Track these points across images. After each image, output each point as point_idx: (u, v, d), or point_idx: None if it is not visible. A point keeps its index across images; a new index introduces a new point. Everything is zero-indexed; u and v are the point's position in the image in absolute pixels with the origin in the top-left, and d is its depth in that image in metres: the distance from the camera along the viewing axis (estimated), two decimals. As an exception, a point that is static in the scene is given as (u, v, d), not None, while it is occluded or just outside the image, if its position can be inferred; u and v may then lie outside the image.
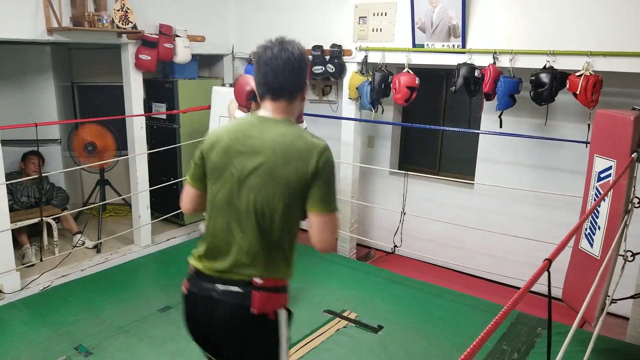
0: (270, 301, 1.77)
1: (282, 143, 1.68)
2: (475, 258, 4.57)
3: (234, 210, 1.73)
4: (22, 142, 4.88)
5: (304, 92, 1.81)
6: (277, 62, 1.70)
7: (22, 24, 3.70)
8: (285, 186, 1.68)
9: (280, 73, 1.71)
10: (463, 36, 3.91)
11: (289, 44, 1.74)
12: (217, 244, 1.81)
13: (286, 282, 1.84)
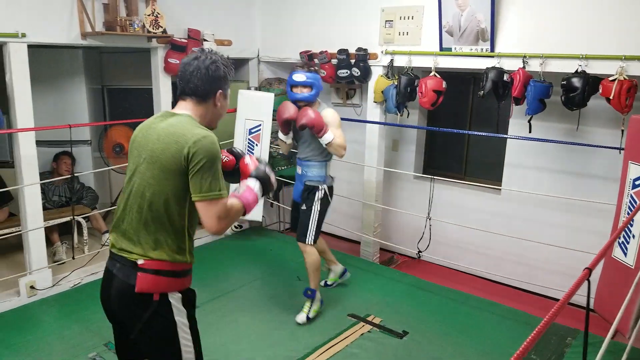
0: (154, 283, 1.89)
1: (166, 131, 1.89)
2: (501, 265, 4.51)
3: (127, 193, 1.95)
4: (55, 143, 5.01)
5: (215, 98, 2.00)
6: (188, 69, 1.98)
7: (58, 29, 3.80)
8: (163, 170, 1.86)
9: (188, 78, 1.97)
10: (492, 40, 3.88)
11: (204, 55, 2.00)
12: (119, 224, 1.98)
13: (177, 266, 1.94)
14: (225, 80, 2.04)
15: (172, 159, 1.84)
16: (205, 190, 1.84)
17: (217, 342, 3.42)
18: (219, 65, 2.00)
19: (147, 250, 1.90)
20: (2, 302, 3.76)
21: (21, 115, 3.69)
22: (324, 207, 3.63)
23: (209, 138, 1.87)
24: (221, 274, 4.46)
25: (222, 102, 2.05)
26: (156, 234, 1.90)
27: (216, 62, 2.00)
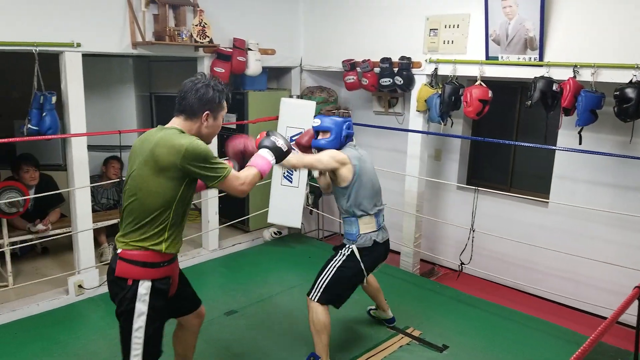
0: (127, 270, 2.20)
1: (160, 141, 2.16)
2: (547, 280, 4.37)
3: (124, 193, 2.25)
4: (105, 148, 5.19)
5: (202, 117, 2.25)
6: (183, 89, 2.27)
7: (110, 39, 3.96)
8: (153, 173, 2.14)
9: (182, 97, 2.26)
10: (541, 49, 3.78)
11: (202, 79, 2.28)
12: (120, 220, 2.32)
13: (152, 257, 2.21)
14: (214, 103, 2.28)
15: (165, 163, 2.13)
16: (213, 178, 2.19)
17: (254, 346, 3.46)
18: (209, 90, 2.26)
19: (128, 240, 2.21)
20: (52, 299, 3.92)
21: (74, 121, 3.85)
22: (348, 270, 3.07)
23: (194, 143, 2.16)
24: (259, 280, 4.50)
25: (210, 122, 2.30)
26: (139, 227, 2.19)
27: (208, 87, 2.26)
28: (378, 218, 3.16)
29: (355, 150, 3.14)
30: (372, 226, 3.12)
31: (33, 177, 4.40)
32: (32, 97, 3.58)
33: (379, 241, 3.14)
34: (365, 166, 3.10)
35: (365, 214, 3.10)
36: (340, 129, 3.11)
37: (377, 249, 3.15)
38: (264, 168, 2.35)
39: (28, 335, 3.52)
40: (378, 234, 3.14)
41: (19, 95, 5.06)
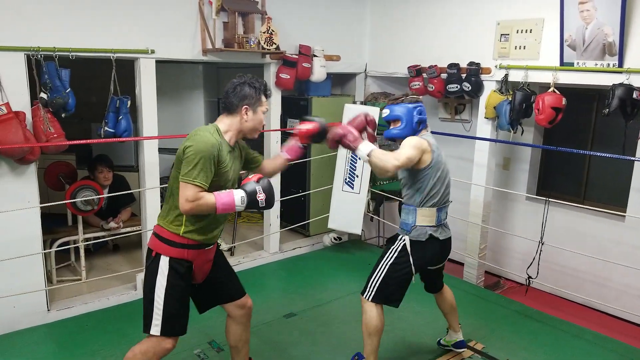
0: (154, 243, 2.49)
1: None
2: (621, 298, 4.11)
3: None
4: (174, 151, 5.37)
5: (241, 112, 2.47)
6: (225, 89, 2.52)
7: (182, 45, 4.11)
8: (177, 162, 2.40)
9: (225, 95, 2.51)
10: (620, 54, 3.58)
11: (240, 78, 2.52)
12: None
13: (171, 236, 2.44)
14: (251, 98, 2.48)
15: (179, 152, 2.37)
16: (183, 174, 2.31)
17: (312, 350, 3.47)
18: (245, 86, 2.48)
19: (160, 220, 2.50)
20: (121, 294, 4.11)
21: (147, 125, 4.02)
22: (400, 266, 2.90)
23: (204, 139, 2.34)
24: (318, 284, 4.51)
25: (250, 115, 2.50)
26: (167, 212, 2.47)
27: (244, 84, 2.49)
28: (440, 213, 2.92)
29: (432, 139, 2.90)
30: (431, 220, 2.89)
31: (107, 177, 4.64)
32: (109, 101, 3.78)
33: (436, 237, 2.91)
34: (440, 155, 2.89)
35: (427, 205, 2.87)
36: (411, 115, 2.88)
37: (432, 245, 2.92)
38: (223, 206, 2.34)
39: (98, 327, 3.70)
40: (437, 230, 2.91)
41: (96, 100, 5.36)
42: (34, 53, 3.37)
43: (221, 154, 2.39)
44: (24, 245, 3.56)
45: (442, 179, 2.89)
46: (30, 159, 3.40)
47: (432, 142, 2.88)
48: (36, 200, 3.59)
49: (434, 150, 2.85)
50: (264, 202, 2.42)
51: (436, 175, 2.86)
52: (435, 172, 2.85)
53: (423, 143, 2.80)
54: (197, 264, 2.54)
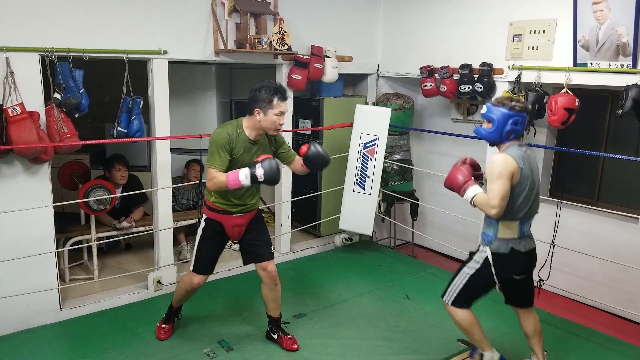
0: (203, 208, 3.34)
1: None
2: (635, 301, 4.05)
3: None
4: (187, 151, 5.44)
5: (256, 112, 3.04)
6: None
7: (195, 46, 4.14)
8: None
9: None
10: (634, 55, 3.53)
11: (260, 84, 3.07)
12: None
13: (209, 204, 3.26)
14: (263, 102, 3.00)
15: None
16: (205, 160, 3.09)
17: (321, 351, 3.47)
18: (261, 90, 3.01)
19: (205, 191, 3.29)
20: (132, 293, 4.15)
21: (159, 125, 4.06)
22: (480, 279, 2.93)
23: (217, 132, 3.10)
24: (329, 285, 4.51)
25: (261, 116, 3.04)
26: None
27: (262, 89, 3.01)
28: (523, 226, 2.84)
29: (521, 152, 2.78)
30: (513, 232, 2.82)
31: (123, 176, 4.69)
32: (122, 101, 3.82)
33: (519, 250, 2.84)
34: (528, 169, 2.77)
35: (509, 219, 2.80)
36: (504, 122, 2.77)
37: (516, 258, 2.85)
38: (231, 182, 2.95)
39: (109, 326, 3.74)
40: (520, 242, 2.84)
41: (109, 100, 5.42)
42: (48, 54, 3.41)
43: (233, 144, 3.05)
44: (37, 244, 3.61)
45: (526, 191, 2.77)
46: (44, 158, 3.45)
47: (517, 155, 2.75)
48: (49, 199, 3.64)
49: (521, 167, 2.73)
50: (262, 177, 2.90)
51: (523, 192, 2.76)
52: (523, 188, 2.76)
53: (507, 165, 2.70)
54: (226, 225, 3.28)
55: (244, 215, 3.29)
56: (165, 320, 3.60)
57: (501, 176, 2.69)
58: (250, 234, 3.35)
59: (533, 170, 2.82)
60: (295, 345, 3.47)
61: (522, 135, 2.86)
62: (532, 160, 2.85)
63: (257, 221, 3.38)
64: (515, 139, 2.83)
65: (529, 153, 2.85)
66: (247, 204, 3.26)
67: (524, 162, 2.75)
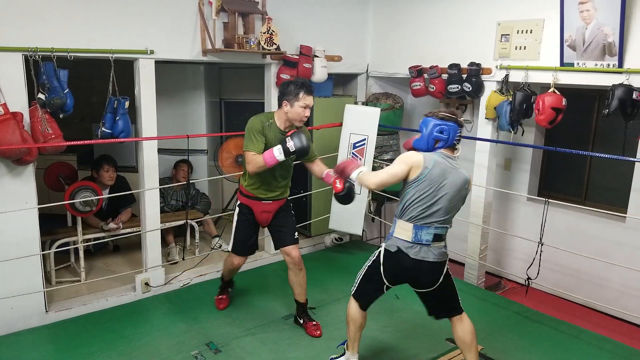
0: (237, 194, 3.70)
1: None
2: (622, 299, 4.08)
3: None
4: (175, 151, 5.40)
5: (284, 104, 3.35)
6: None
7: (182, 46, 4.11)
8: None
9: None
10: (620, 55, 3.55)
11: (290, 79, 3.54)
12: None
13: (242, 190, 3.61)
14: (290, 95, 3.29)
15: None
16: (244, 146, 3.38)
17: (311, 352, 3.45)
18: (289, 85, 3.32)
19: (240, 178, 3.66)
20: (120, 295, 4.11)
21: (146, 125, 4.02)
22: (372, 269, 2.98)
23: (251, 120, 3.42)
24: (319, 285, 4.50)
25: (288, 108, 3.33)
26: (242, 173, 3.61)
27: (290, 83, 3.33)
28: (419, 232, 2.77)
29: (441, 158, 2.77)
30: (407, 235, 2.79)
31: (111, 177, 4.65)
32: (107, 101, 3.78)
33: (406, 253, 2.79)
34: (438, 174, 2.73)
35: (404, 218, 2.80)
36: (429, 130, 2.80)
37: (401, 261, 2.82)
38: (268, 159, 3.25)
39: (96, 329, 3.70)
40: (411, 247, 2.79)
41: (97, 101, 5.37)
42: (32, 53, 3.37)
43: (266, 131, 3.37)
44: (22, 246, 3.57)
45: (428, 197, 2.75)
46: (28, 159, 3.40)
47: (430, 157, 2.76)
48: (34, 201, 3.59)
49: (427, 167, 2.73)
50: (293, 147, 3.20)
51: (421, 192, 2.74)
52: (422, 188, 2.74)
53: (414, 159, 2.76)
54: (255, 211, 3.58)
55: (272, 203, 3.59)
56: (220, 292, 4.10)
57: (399, 161, 2.81)
58: (277, 220, 3.64)
59: (446, 182, 2.75)
60: (317, 332, 3.65)
61: (451, 146, 2.83)
62: (457, 176, 2.78)
63: (284, 209, 3.67)
64: (444, 148, 2.82)
65: (455, 166, 2.79)
66: (276, 192, 3.56)
67: (436, 166, 2.74)
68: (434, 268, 2.85)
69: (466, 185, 2.84)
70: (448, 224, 2.86)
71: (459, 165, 2.84)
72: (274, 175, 3.49)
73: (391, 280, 2.93)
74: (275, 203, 3.60)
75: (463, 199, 2.87)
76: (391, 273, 2.91)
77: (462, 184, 2.81)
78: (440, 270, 2.89)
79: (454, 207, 2.84)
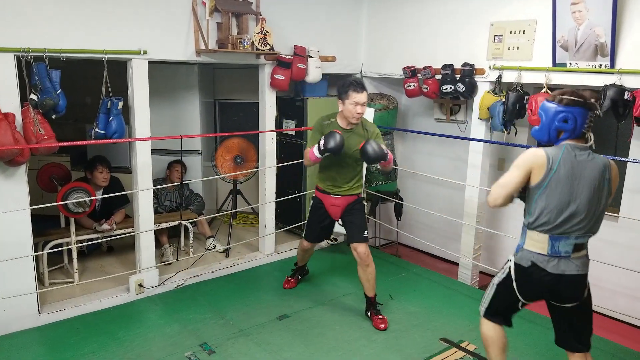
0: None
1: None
2: (614, 299, 4.10)
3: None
4: (169, 152, 5.39)
5: (339, 102, 3.63)
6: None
7: (175, 46, 4.10)
8: None
9: None
10: (612, 55, 3.57)
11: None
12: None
13: (316, 184, 3.95)
14: (342, 94, 3.58)
15: None
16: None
17: (304, 352, 3.45)
18: (343, 85, 3.60)
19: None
20: (113, 297, 4.09)
21: (139, 126, 4.01)
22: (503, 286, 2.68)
23: (315, 121, 3.82)
24: (313, 286, 4.50)
25: (342, 106, 3.62)
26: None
27: (342, 83, 3.62)
28: (556, 243, 2.42)
29: (568, 154, 2.39)
30: (542, 247, 2.44)
31: (105, 178, 4.63)
32: (100, 102, 3.77)
33: (543, 268, 2.46)
34: (567, 175, 2.37)
35: (536, 229, 2.46)
36: (549, 119, 2.42)
37: (537, 276, 2.48)
38: (311, 155, 3.58)
39: (89, 330, 3.69)
40: (547, 261, 2.44)
41: (91, 101, 5.35)
42: (24, 54, 3.35)
43: (324, 129, 3.66)
44: (14, 247, 3.55)
45: (558, 200, 2.39)
46: (20, 160, 3.38)
47: (553, 153, 2.39)
48: (26, 202, 3.57)
49: (552, 168, 2.37)
50: (322, 145, 3.47)
51: (551, 198, 2.40)
52: (551, 193, 2.40)
53: (533, 159, 2.40)
54: (325, 204, 3.87)
55: (340, 198, 3.82)
56: (292, 275, 4.47)
57: (514, 164, 2.46)
58: (347, 216, 3.86)
59: (581, 181, 2.38)
60: (382, 325, 3.78)
61: (579, 135, 2.41)
62: (592, 169, 2.39)
63: (353, 206, 3.85)
64: (570, 139, 2.42)
65: (588, 158, 2.40)
66: (342, 187, 3.79)
67: (562, 165, 2.37)
68: (576, 281, 2.49)
69: (607, 173, 2.42)
70: (592, 232, 2.47)
71: (593, 155, 2.42)
72: (337, 172, 3.77)
73: (527, 296, 2.58)
74: (343, 198, 3.82)
75: (609, 190, 2.45)
76: (526, 289, 2.56)
77: (601, 176, 2.40)
78: (584, 283, 2.52)
79: (596, 207, 2.43)
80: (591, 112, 2.38)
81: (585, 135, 2.42)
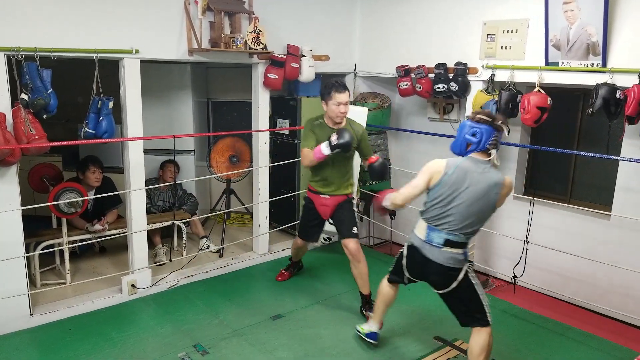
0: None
1: None
2: (607, 296, 4.12)
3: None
4: (162, 152, 5.37)
5: (323, 104, 3.77)
6: None
7: (168, 45, 4.08)
8: None
9: None
10: (604, 54, 3.59)
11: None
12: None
13: (308, 185, 4.05)
14: (325, 95, 3.70)
15: None
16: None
17: (299, 353, 3.45)
18: (325, 86, 3.72)
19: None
20: (106, 298, 4.07)
21: (131, 125, 3.99)
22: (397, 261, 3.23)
23: (305, 121, 3.96)
24: (307, 285, 4.50)
25: (326, 107, 3.74)
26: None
27: (325, 85, 3.73)
28: (431, 233, 2.84)
29: (467, 162, 2.76)
30: (422, 234, 2.89)
31: (98, 178, 4.60)
32: (91, 101, 3.74)
33: (419, 249, 2.91)
34: (457, 179, 2.74)
35: (422, 217, 2.91)
36: (461, 133, 2.78)
37: (414, 255, 2.96)
38: (316, 154, 3.62)
39: (82, 331, 3.66)
40: (423, 245, 2.89)
41: (83, 101, 5.32)
42: (15, 53, 3.32)
43: (316, 130, 3.80)
44: (5, 248, 3.52)
45: (445, 202, 2.78)
46: (11, 160, 3.35)
47: (454, 162, 2.78)
48: (17, 202, 3.54)
49: (447, 172, 2.77)
50: (335, 141, 3.54)
51: (438, 196, 2.81)
52: (440, 192, 2.80)
53: (435, 167, 2.85)
54: (316, 204, 3.98)
55: (329, 198, 3.92)
56: (286, 268, 4.61)
57: (421, 171, 2.92)
58: (337, 214, 3.97)
59: (466, 188, 2.74)
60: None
61: (483, 149, 2.75)
62: (482, 181, 2.72)
63: (342, 205, 3.96)
64: (475, 152, 2.77)
65: (484, 171, 2.73)
66: (331, 187, 3.89)
67: (457, 171, 2.74)
68: (443, 271, 2.87)
69: (496, 189, 2.74)
70: (465, 231, 2.81)
71: (491, 169, 2.75)
72: (328, 172, 3.85)
73: (410, 271, 3.08)
74: (332, 199, 3.93)
75: (492, 204, 2.78)
76: (408, 264, 3.06)
77: (488, 188, 2.73)
78: (451, 275, 2.87)
79: (474, 214, 2.77)
80: (497, 132, 2.76)
81: (489, 151, 2.76)
